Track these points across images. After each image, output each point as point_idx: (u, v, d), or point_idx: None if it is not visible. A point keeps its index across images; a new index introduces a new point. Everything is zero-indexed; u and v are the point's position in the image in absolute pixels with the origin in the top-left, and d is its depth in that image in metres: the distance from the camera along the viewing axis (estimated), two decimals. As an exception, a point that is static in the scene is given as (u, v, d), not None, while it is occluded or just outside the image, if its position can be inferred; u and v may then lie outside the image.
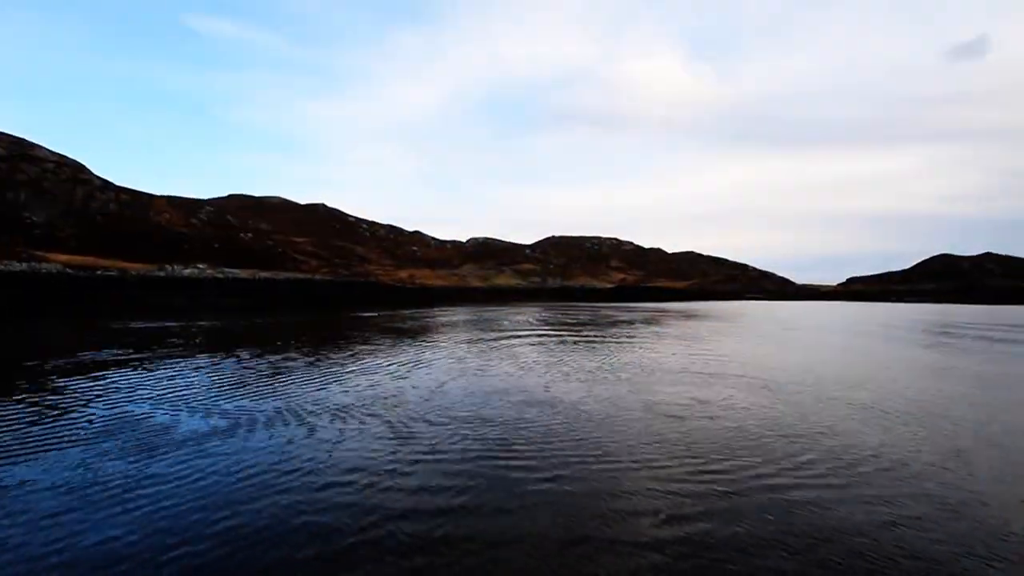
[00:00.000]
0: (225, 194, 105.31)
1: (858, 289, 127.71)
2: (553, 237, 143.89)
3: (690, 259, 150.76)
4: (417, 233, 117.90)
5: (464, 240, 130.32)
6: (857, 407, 8.35)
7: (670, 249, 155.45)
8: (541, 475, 5.12)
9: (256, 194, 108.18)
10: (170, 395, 8.41)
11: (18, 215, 69.91)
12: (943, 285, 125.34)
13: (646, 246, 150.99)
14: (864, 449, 6.10)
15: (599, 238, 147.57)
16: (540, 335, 19.70)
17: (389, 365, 11.82)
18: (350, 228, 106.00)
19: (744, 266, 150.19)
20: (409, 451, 5.82)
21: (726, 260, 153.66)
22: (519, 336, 19.10)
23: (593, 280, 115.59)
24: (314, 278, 61.80)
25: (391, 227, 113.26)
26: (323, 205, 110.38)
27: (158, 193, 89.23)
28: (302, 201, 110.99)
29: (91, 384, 9.13)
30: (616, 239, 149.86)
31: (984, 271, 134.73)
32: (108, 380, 9.53)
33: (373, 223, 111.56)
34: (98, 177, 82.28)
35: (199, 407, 7.68)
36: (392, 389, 9.19)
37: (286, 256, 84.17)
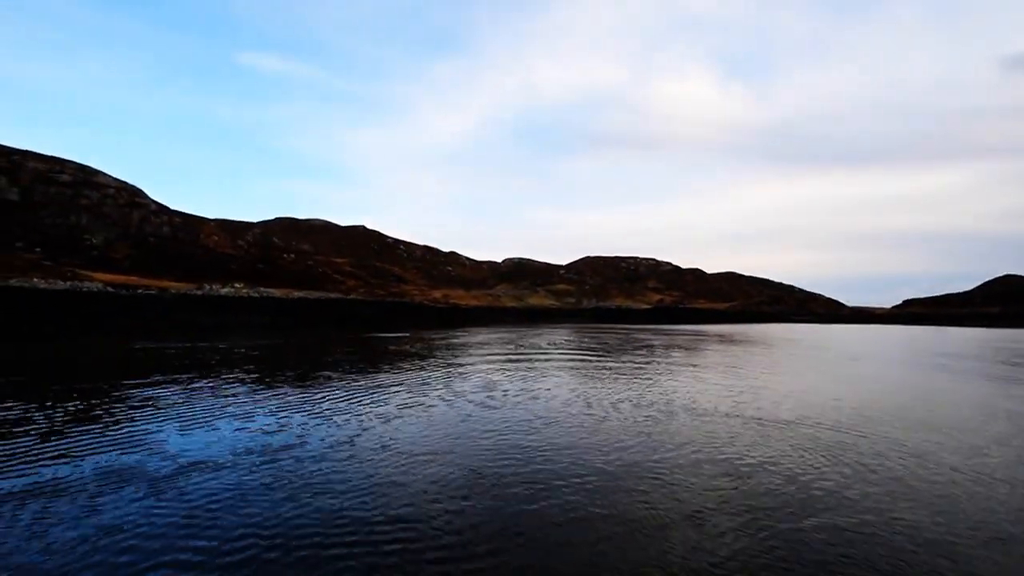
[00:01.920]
0: (271, 217, 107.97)
1: (916, 312, 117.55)
2: (588, 257, 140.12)
3: (731, 280, 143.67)
4: (453, 254, 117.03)
5: (499, 260, 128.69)
6: (993, 488, 5.16)
7: (709, 269, 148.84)
8: None
9: (300, 217, 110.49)
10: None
11: (79, 237, 72.89)
12: (1010, 308, 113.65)
13: (684, 266, 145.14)
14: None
15: (635, 258, 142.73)
16: (558, 361, 16.85)
17: (342, 399, 9.33)
18: (388, 249, 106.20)
19: (790, 287, 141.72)
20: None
21: (770, 281, 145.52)
22: (533, 361, 16.34)
23: (629, 301, 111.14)
24: (345, 297, 60.99)
25: (427, 248, 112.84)
26: (363, 227, 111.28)
27: (209, 217, 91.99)
28: (343, 223, 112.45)
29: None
30: (653, 259, 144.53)
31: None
32: (-31, 419, 7.42)
33: (410, 244, 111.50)
34: (154, 201, 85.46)
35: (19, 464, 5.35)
36: (288, 437, 6.64)
37: (326, 276, 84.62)
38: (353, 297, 64.33)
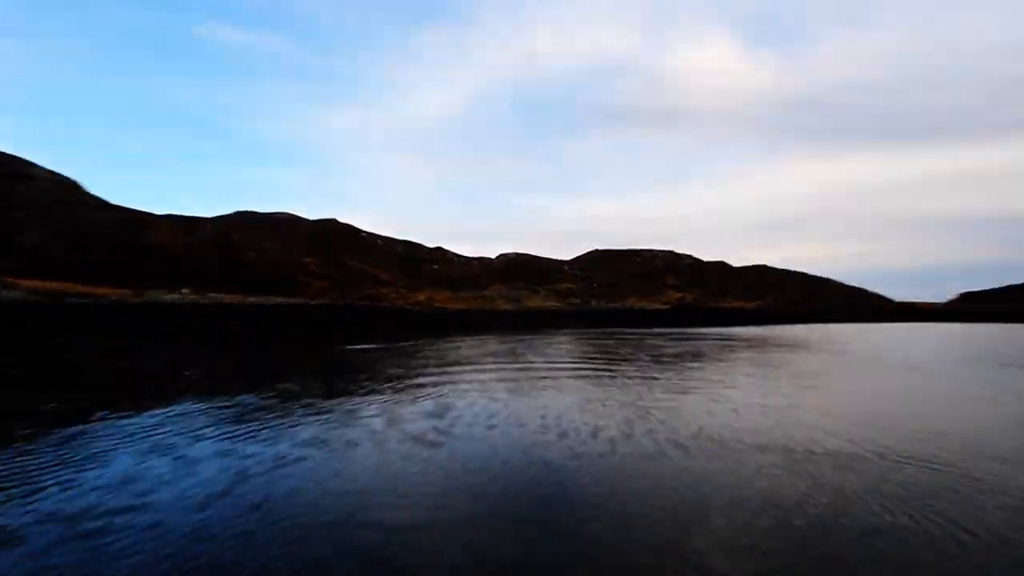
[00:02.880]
0: (229, 211, 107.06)
1: (974, 308, 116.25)
2: (597, 251, 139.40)
3: (761, 274, 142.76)
4: (439, 249, 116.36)
5: (493, 257, 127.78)
6: None
7: (735, 263, 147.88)
8: None
9: (263, 210, 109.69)
10: None
11: (7, 239, 71.71)
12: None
13: (706, 260, 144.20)
14: None
15: (651, 251, 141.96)
16: (545, 374, 15.65)
17: (234, 435, 8.08)
18: (363, 245, 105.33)
19: (826, 281, 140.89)
20: None
21: (804, 274, 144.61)
22: (515, 374, 15.17)
23: (644, 301, 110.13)
24: (308, 303, 59.86)
25: (409, 243, 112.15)
26: (334, 221, 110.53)
27: (157, 212, 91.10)
28: (312, 216, 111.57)
29: None
30: (671, 252, 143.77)
31: None
32: None
33: (389, 239, 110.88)
34: (94, 196, 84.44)
35: None
36: (131, 494, 5.37)
37: (292, 278, 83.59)
38: (318, 302, 63.19)
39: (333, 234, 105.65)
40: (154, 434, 8.12)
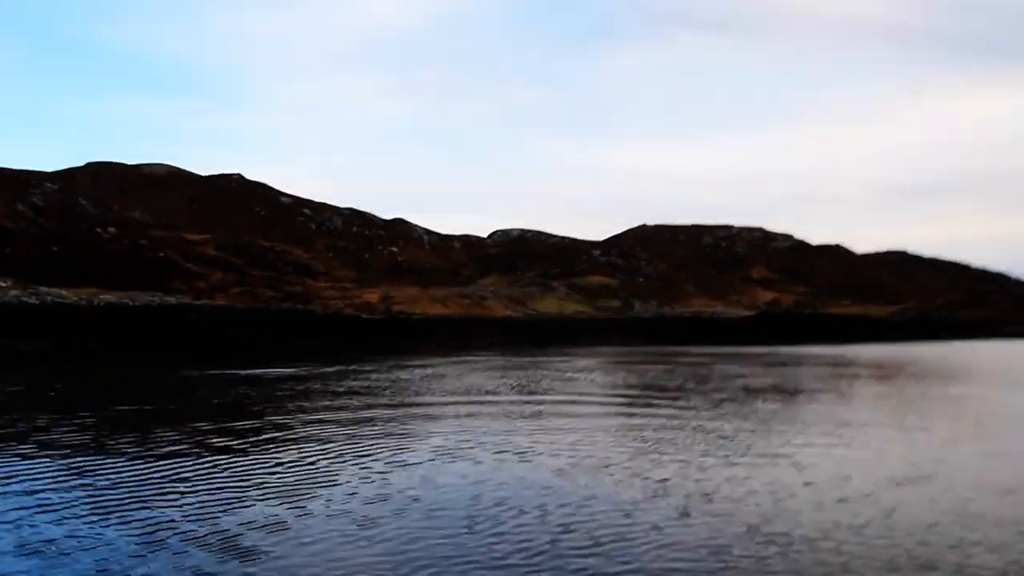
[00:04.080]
0: (80, 163, 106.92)
1: None
2: (645, 227, 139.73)
3: (898, 265, 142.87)
4: (400, 223, 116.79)
5: (484, 235, 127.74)
6: None
7: (859, 247, 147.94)
8: None
9: (130, 161, 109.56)
10: None
11: None
12: None
13: (814, 242, 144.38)
14: None
15: (728, 228, 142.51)
16: (525, 421, 15.41)
17: None
18: (284, 216, 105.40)
19: (1001, 277, 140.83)
20: None
21: (966, 266, 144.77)
22: (473, 416, 14.91)
23: (718, 303, 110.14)
24: (194, 303, 59.73)
25: (355, 213, 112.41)
26: (239, 177, 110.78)
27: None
28: (204, 171, 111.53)
29: None
30: (760, 229, 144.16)
31: None
32: None
33: (324, 207, 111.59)
34: None
35: None
36: None
37: (173, 265, 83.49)
38: (211, 303, 63.11)
39: (237, 198, 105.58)
40: None
